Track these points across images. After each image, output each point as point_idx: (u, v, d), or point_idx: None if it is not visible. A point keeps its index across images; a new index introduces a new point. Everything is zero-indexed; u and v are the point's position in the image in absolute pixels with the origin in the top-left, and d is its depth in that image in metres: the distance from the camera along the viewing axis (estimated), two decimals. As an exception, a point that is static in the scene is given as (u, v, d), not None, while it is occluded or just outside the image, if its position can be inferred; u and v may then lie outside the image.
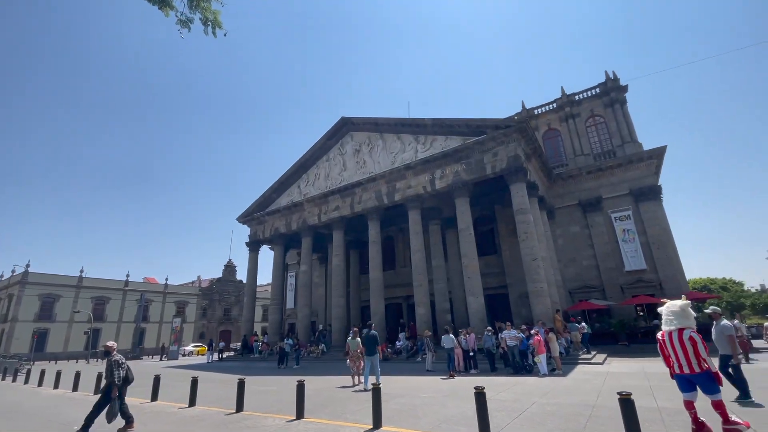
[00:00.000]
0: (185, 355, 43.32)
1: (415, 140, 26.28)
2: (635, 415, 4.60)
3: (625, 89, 29.75)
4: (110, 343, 8.09)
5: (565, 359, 16.14)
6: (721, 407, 4.81)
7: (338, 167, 30.90)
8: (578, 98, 31.22)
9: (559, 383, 11.33)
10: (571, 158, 30.01)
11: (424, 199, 25.43)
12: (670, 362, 4.71)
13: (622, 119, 28.93)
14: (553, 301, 21.10)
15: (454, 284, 27.96)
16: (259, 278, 38.23)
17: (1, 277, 51.78)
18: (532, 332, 13.97)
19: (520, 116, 30.51)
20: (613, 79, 30.21)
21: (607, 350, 20.15)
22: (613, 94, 29.72)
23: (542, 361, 13.02)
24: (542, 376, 12.79)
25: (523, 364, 13.90)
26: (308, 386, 12.57)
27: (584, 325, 19.62)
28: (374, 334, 12.51)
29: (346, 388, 12.46)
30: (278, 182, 34.30)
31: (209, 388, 13.61)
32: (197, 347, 48.39)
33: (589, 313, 24.73)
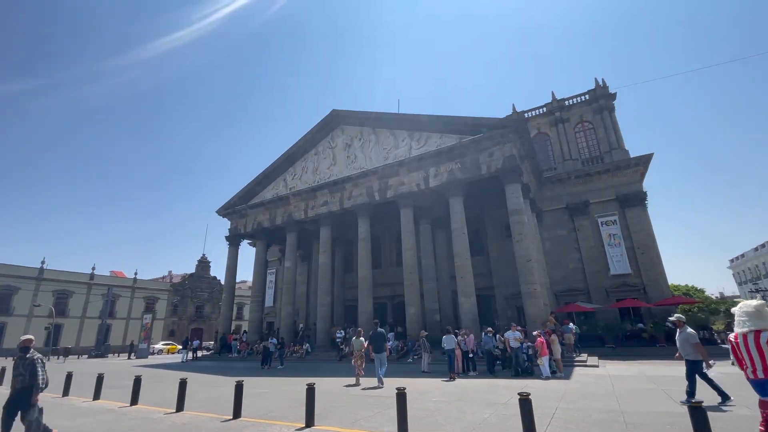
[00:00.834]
0: (154, 353, 41.10)
1: (409, 137, 25.79)
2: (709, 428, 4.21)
3: (613, 97, 30.38)
4: (27, 336, 6.51)
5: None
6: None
7: (327, 161, 30.01)
8: (568, 104, 31.65)
9: (567, 386, 11.06)
10: (559, 162, 30.36)
11: (416, 196, 24.98)
12: (743, 365, 4.34)
13: (610, 126, 29.51)
14: (544, 302, 21.07)
15: (442, 284, 27.68)
16: (239, 275, 36.74)
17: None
18: (534, 333, 13.70)
19: (514, 118, 30.58)
20: (602, 86, 30.78)
21: (595, 352, 20.29)
22: (602, 101, 30.28)
23: (545, 363, 12.77)
24: (545, 378, 12.54)
25: (524, 366, 13.62)
26: (303, 388, 11.83)
27: (574, 327, 19.68)
28: (382, 331, 13.05)
29: (348, 388, 11.78)
30: (263, 174, 33.00)
31: (193, 390, 12.55)
32: (168, 345, 46.13)
33: (576, 315, 24.97)
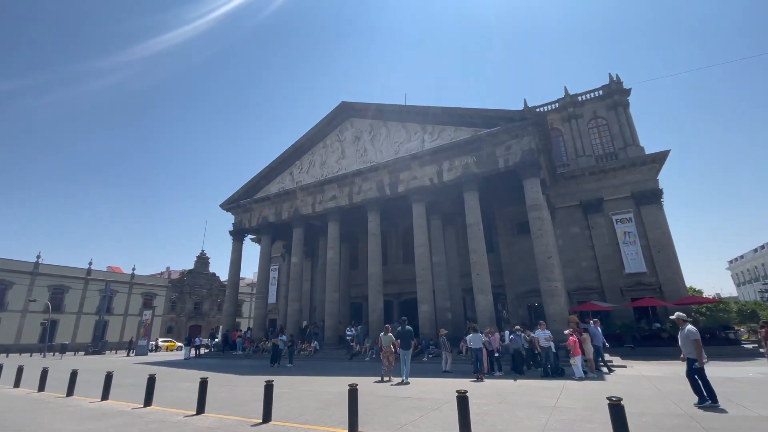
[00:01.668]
0: (153, 350, 40.16)
1: (422, 129, 25.07)
2: None
3: (628, 92, 29.83)
4: None
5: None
6: None
7: (336, 155, 29.23)
8: (581, 99, 31.08)
9: (608, 388, 10.42)
10: (572, 159, 29.78)
11: (429, 191, 24.28)
12: None
13: (624, 122, 28.96)
14: (564, 301, 20.47)
15: (452, 282, 27.03)
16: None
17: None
18: (566, 332, 13.05)
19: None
20: (616, 81, 30.22)
21: (615, 353, 19.76)
22: (616, 96, 29.73)
23: (578, 363, 12.14)
24: (578, 379, 11.90)
25: (554, 366, 12.97)
26: (327, 389, 11.13)
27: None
28: (409, 329, 13.35)
29: (376, 386, 11.08)
30: (268, 168, 32.17)
31: (209, 390, 11.83)
32: (166, 342, 45.21)
33: (592, 314, 24.39)
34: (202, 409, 8.21)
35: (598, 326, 14.50)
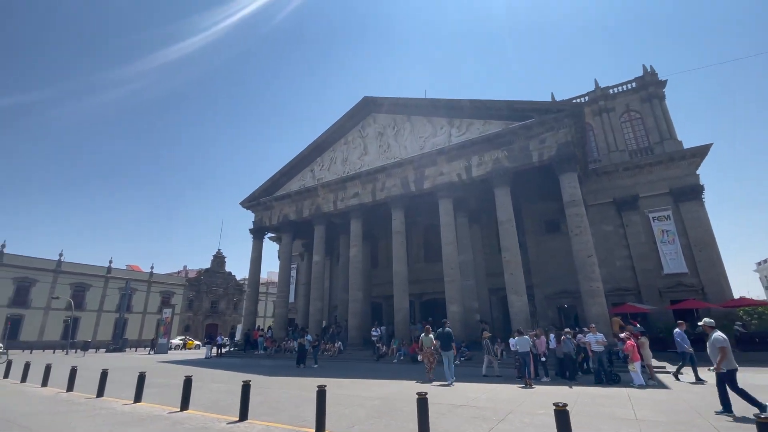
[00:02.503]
0: (172, 348, 40.14)
1: (448, 124, 24.24)
2: None
3: (663, 84, 28.47)
4: None
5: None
6: None
7: (358, 151, 28.58)
8: (613, 92, 29.81)
9: (681, 397, 9.45)
10: (604, 154, 28.54)
11: (456, 187, 23.43)
12: None
13: (660, 115, 27.61)
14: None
15: (479, 282, 26.10)
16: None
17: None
18: (622, 336, 12.08)
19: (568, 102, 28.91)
20: (651, 73, 28.88)
21: (661, 357, 18.58)
22: (651, 88, 28.38)
23: (637, 369, 11.18)
24: (639, 387, 10.93)
25: (609, 372, 12.01)
26: (366, 393, 10.32)
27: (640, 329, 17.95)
28: (449, 330, 13.27)
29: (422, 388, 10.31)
30: (289, 165, 31.72)
31: (230, 391, 11.23)
32: (184, 340, 45.25)
33: (630, 316, 23.19)
34: (245, 415, 7.56)
35: (683, 328, 12.63)
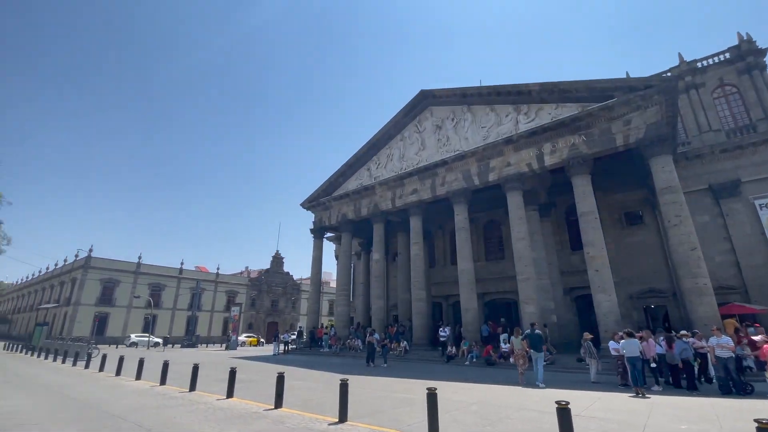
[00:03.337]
0: (239, 345, 42.03)
1: (514, 110, 22.76)
2: None
3: (763, 53, 24.71)
4: None
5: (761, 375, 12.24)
6: None
7: (415, 146, 27.88)
8: (701, 65, 26.41)
9: None
10: (694, 136, 25.32)
11: (526, 178, 21.90)
12: None
13: (762, 88, 23.97)
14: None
15: (554, 281, 24.23)
16: (308, 271, 35.91)
17: (65, 261, 53.05)
18: (757, 338, 10.20)
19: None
20: (748, 41, 25.20)
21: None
22: (749, 59, 24.75)
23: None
24: (786, 400, 9.08)
25: (739, 381, 10.19)
26: (459, 398, 9.39)
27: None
28: (539, 333, 13.10)
29: (519, 392, 9.34)
30: (346, 165, 31.79)
31: (319, 390, 10.95)
32: (249, 337, 47.27)
33: (739, 318, 20.24)
34: (344, 416, 7.10)
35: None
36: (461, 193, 24.16)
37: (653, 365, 11.42)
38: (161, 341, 39.83)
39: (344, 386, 7.28)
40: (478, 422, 7.11)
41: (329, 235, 40.25)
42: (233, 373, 9.87)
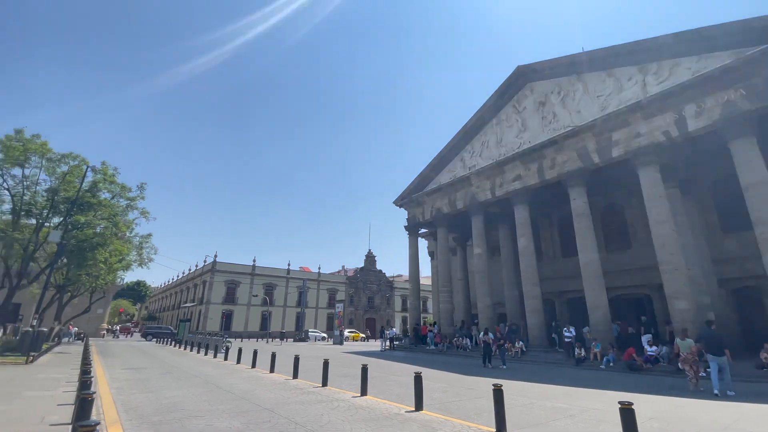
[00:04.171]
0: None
1: (639, 71, 19.37)
2: None
3: None
4: None
5: None
6: None
7: (514, 129, 25.70)
8: None
9: None
10: None
11: (663, 149, 18.42)
12: None
13: None
14: None
15: (705, 271, 20.02)
16: (398, 269, 35.58)
17: (196, 266, 61.79)
18: None
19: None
20: None
21: None
22: None
23: None
24: None
25: None
26: (617, 409, 7.33)
27: None
28: (715, 332, 11.29)
29: (706, 406, 7.41)
30: (437, 158, 30.87)
31: (443, 390, 10.21)
32: (351, 333, 49.28)
33: None
34: (502, 425, 6.21)
35: None
36: (578, 173, 21.45)
37: None
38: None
39: (498, 392, 6.37)
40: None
41: (422, 231, 39.75)
42: (365, 370, 9.67)
